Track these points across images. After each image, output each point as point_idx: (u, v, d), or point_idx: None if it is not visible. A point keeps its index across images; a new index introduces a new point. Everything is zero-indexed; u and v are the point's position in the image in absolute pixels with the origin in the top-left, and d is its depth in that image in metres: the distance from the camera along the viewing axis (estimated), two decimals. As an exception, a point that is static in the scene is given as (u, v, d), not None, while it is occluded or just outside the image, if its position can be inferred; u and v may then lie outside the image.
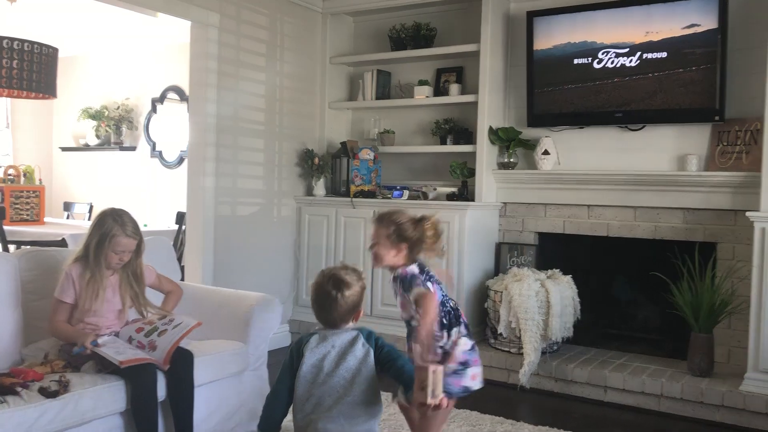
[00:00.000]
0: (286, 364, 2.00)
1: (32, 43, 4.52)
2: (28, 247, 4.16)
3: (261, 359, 3.20)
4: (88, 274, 2.68)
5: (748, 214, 3.53)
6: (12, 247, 4.89)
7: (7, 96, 4.95)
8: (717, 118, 3.84)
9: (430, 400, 1.80)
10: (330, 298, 1.95)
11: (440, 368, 1.84)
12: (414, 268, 2.38)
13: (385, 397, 3.62)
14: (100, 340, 2.59)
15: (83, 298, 2.68)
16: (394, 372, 1.96)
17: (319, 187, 4.99)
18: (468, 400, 3.66)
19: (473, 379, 2.42)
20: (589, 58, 4.15)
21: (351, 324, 2.02)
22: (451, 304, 2.49)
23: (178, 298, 3.01)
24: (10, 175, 5.64)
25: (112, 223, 2.69)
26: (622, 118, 4.14)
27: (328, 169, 5.00)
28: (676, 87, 3.91)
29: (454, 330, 2.40)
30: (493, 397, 3.84)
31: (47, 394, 2.33)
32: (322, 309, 1.98)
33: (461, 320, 2.47)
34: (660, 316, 4.23)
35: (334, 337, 1.95)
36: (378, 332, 4.15)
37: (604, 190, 4.23)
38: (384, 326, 4.32)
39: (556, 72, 4.28)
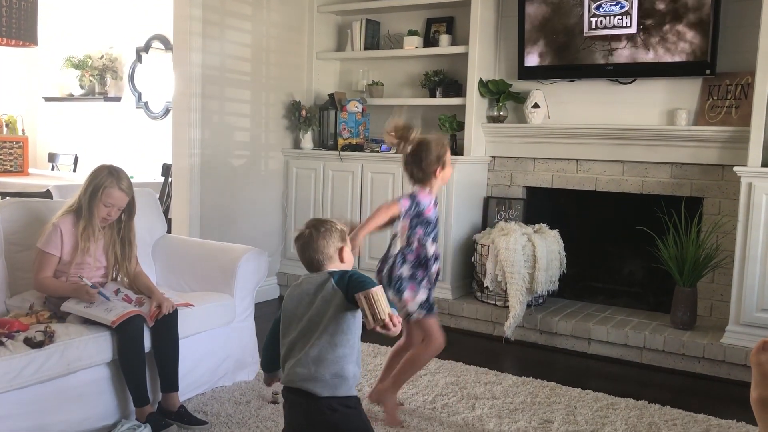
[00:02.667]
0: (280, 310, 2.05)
1: (10, -12, 4.37)
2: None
3: (248, 311, 3.22)
4: (81, 224, 2.67)
5: (735, 168, 3.53)
6: (-4, 199, 4.84)
7: (-14, 43, 4.82)
8: (708, 71, 3.81)
9: (371, 325, 1.73)
10: (308, 238, 1.97)
11: (373, 291, 1.72)
12: None
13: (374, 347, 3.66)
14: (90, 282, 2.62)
15: (71, 250, 2.66)
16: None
17: (307, 139, 4.94)
18: (453, 352, 3.71)
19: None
20: (582, 10, 4.08)
21: (337, 266, 1.99)
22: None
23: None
24: (-8, 125, 5.56)
25: (107, 175, 2.69)
26: (613, 71, 4.09)
27: (316, 122, 4.95)
28: (668, 40, 3.86)
29: None
30: (478, 349, 3.89)
31: (33, 344, 2.33)
32: (303, 251, 1.99)
33: None
34: (645, 270, 4.27)
35: (308, 283, 1.94)
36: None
37: (593, 144, 4.21)
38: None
39: (548, 23, 4.21)
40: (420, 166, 2.69)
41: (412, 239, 2.69)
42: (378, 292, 1.72)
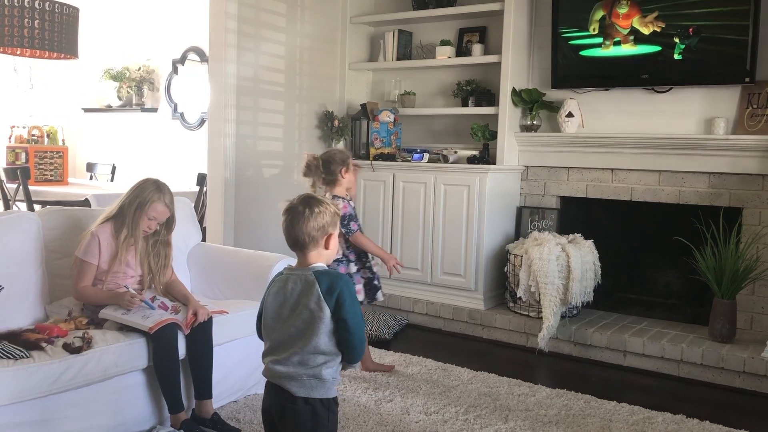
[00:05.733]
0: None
1: (53, 2, 4.51)
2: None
3: (280, 319, 3.23)
4: (123, 234, 2.71)
5: (776, 178, 3.46)
6: (37, 207, 4.95)
7: (29, 56, 4.96)
8: (747, 79, 3.73)
9: None
10: (297, 214, 1.91)
11: None
12: None
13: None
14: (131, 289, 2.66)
15: (108, 259, 2.71)
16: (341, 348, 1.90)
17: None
18: (486, 363, 3.68)
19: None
20: (616, 18, 4.04)
21: (320, 252, 1.94)
22: None
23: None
24: (33, 135, 5.69)
25: (153, 189, 2.75)
26: (649, 80, 4.04)
27: (348, 132, 4.97)
28: (705, 47, 3.80)
29: None
30: (512, 360, 3.85)
31: (71, 349, 2.38)
32: (291, 226, 1.92)
33: None
34: (682, 281, 4.19)
35: (293, 284, 1.90)
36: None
37: (629, 153, 4.16)
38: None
39: (581, 31, 4.17)
40: (329, 170, 3.27)
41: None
42: None
